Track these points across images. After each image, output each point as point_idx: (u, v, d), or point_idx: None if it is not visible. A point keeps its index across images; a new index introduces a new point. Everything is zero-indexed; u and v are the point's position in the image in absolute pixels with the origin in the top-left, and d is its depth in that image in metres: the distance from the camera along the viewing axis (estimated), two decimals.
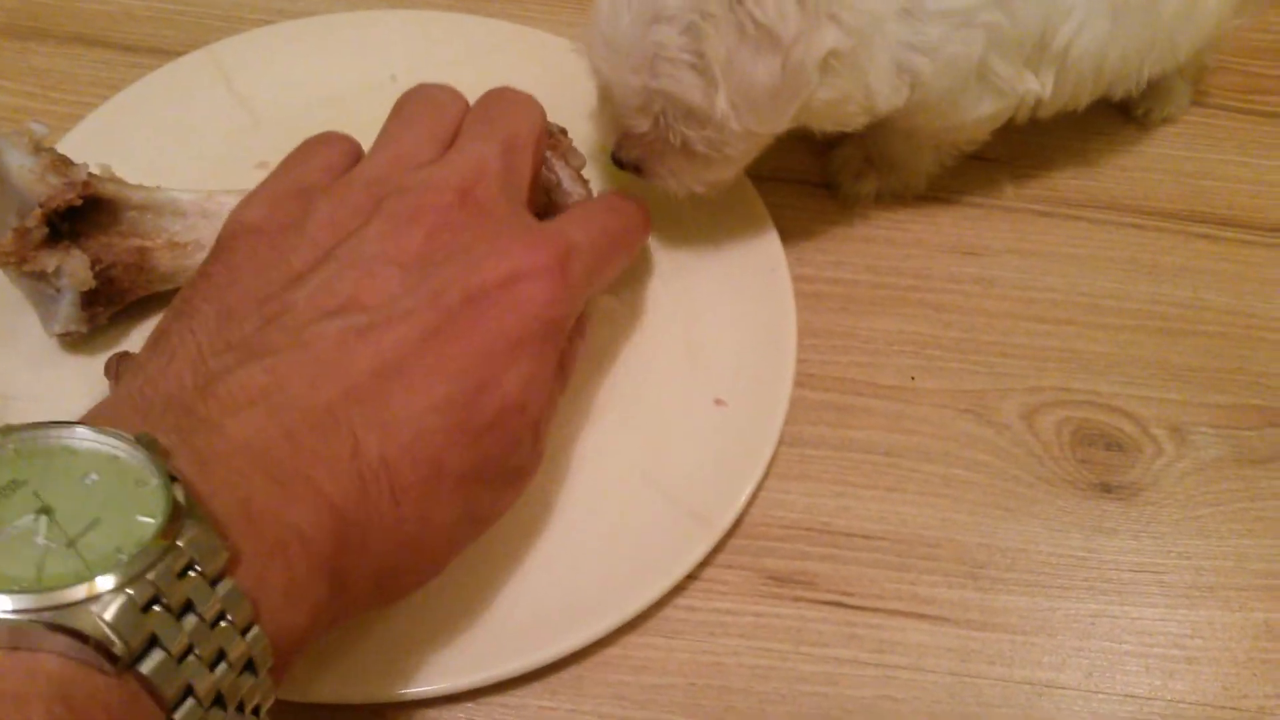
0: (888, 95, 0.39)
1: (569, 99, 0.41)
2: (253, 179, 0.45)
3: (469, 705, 0.35)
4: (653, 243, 0.45)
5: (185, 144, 0.46)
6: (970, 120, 0.44)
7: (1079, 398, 0.44)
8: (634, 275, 0.45)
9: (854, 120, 0.41)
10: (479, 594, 0.36)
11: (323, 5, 0.53)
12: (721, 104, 0.36)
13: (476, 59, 0.49)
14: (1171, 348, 0.46)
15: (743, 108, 0.37)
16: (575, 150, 0.42)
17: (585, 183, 0.42)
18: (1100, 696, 0.37)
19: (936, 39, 0.39)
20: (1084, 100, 0.46)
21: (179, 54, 0.49)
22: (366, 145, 0.41)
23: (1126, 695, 0.37)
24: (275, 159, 0.46)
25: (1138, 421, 0.44)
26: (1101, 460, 0.43)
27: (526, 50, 0.50)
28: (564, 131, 0.41)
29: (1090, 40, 0.42)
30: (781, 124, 0.38)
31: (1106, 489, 0.42)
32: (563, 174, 0.41)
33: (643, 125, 0.38)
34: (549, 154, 0.41)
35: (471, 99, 0.46)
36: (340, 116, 0.47)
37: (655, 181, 0.41)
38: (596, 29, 0.38)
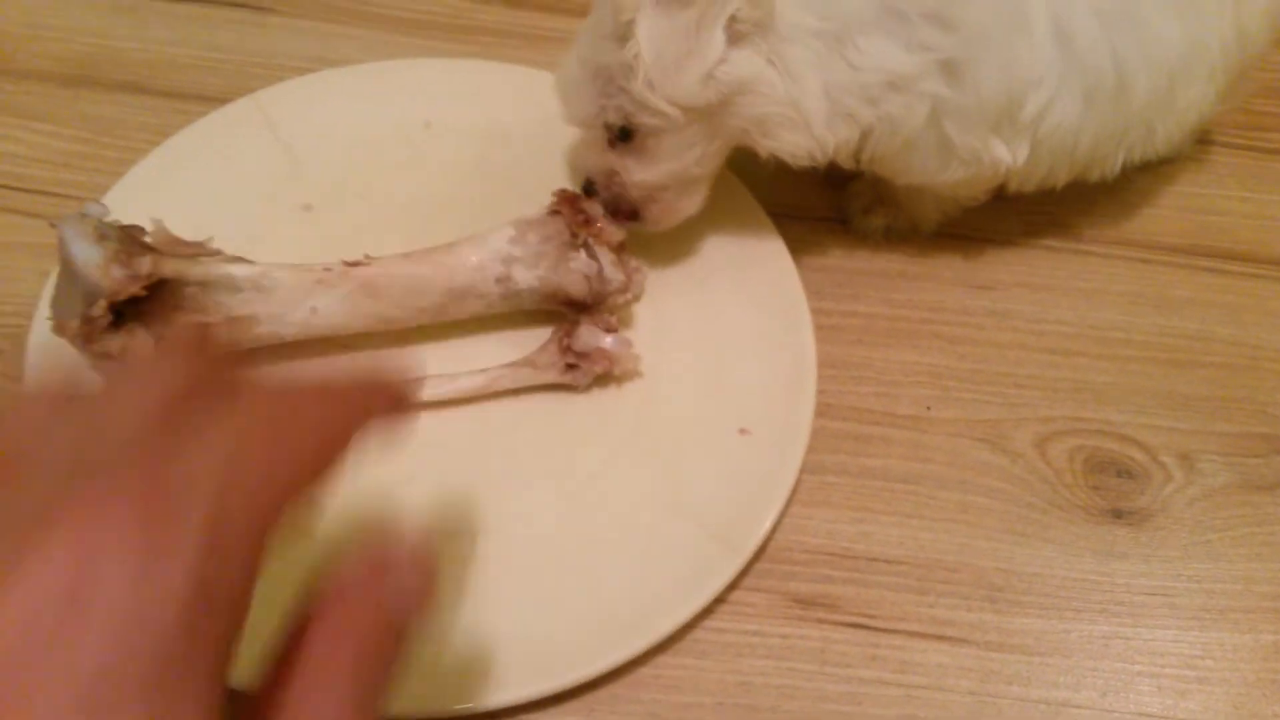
0: (824, 126, 0.40)
1: None
2: (296, 221, 0.48)
3: None
4: (678, 280, 0.47)
5: (233, 188, 0.48)
6: (941, 182, 0.45)
7: (1090, 427, 0.46)
8: (660, 313, 0.46)
9: (796, 146, 0.41)
10: (516, 616, 0.38)
11: (359, 54, 0.55)
12: (645, 54, 0.39)
13: (506, 105, 0.51)
14: (1179, 378, 0.47)
15: (655, 72, 0.39)
16: (612, 227, 0.43)
17: (626, 264, 0.43)
18: (1115, 715, 0.38)
19: (876, 92, 0.40)
20: (1061, 178, 0.47)
21: (222, 101, 0.51)
22: (400, 185, 0.46)
23: (1140, 714, 0.38)
24: (317, 201, 0.49)
25: (1147, 450, 0.45)
26: (1113, 487, 0.44)
27: (554, 96, 0.52)
28: (601, 215, 0.43)
29: (1061, 115, 0.43)
30: (694, 95, 0.40)
31: (1118, 515, 0.43)
32: (603, 260, 0.43)
33: (596, 129, 0.42)
34: (590, 240, 0.42)
35: (504, 145, 0.49)
36: (376, 160, 0.50)
37: (604, 196, 0.44)
38: (562, 78, 0.43)
